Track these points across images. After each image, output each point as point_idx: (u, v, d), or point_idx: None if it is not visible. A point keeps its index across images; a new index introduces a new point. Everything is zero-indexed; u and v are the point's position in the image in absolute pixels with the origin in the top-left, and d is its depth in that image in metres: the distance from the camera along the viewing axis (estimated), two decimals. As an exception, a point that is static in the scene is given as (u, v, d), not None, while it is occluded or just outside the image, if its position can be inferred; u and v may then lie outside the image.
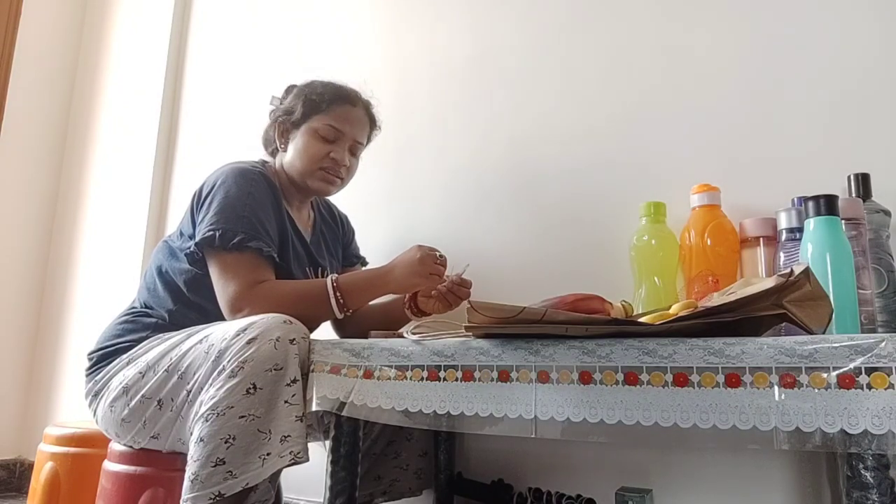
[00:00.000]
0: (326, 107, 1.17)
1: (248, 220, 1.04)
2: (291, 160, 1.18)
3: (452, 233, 1.43)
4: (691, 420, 0.64)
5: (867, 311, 0.82)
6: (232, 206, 1.05)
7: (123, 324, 1.11)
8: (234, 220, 1.03)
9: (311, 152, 1.16)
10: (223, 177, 1.10)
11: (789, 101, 1.13)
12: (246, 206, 1.05)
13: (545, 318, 0.71)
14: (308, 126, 1.17)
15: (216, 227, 1.02)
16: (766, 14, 1.17)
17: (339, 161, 1.18)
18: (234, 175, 1.10)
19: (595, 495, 1.08)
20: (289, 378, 0.86)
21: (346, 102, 1.19)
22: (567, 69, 1.37)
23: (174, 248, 1.14)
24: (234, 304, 0.99)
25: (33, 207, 2.14)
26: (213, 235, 1.02)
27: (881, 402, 0.57)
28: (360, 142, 1.22)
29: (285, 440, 0.83)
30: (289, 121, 1.19)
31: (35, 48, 2.14)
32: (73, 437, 1.40)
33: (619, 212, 1.23)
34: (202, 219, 1.06)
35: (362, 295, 1.06)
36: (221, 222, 1.03)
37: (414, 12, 1.61)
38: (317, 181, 1.18)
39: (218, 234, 1.01)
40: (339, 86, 1.22)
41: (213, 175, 1.12)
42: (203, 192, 1.11)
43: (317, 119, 1.17)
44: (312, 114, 1.17)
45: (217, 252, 1.03)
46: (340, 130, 1.17)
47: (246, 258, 1.02)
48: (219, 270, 1.03)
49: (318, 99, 1.18)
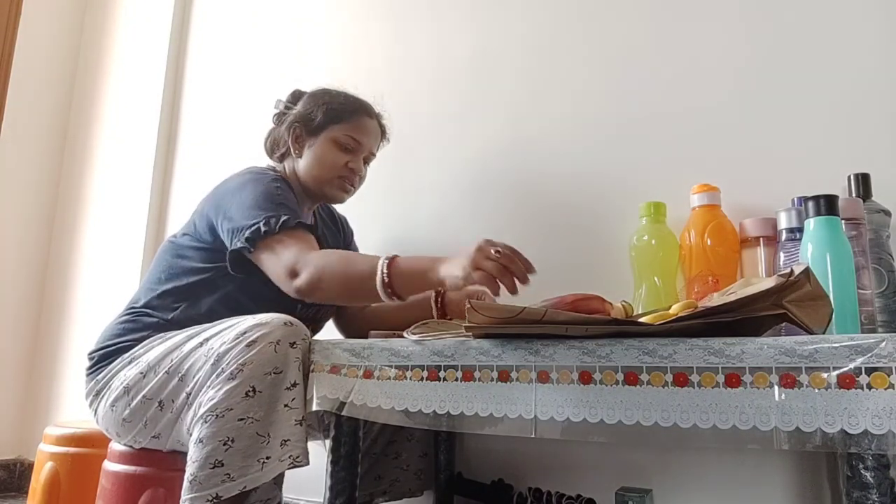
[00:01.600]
0: (348, 117, 1.20)
1: (286, 206, 1.06)
2: (308, 167, 1.20)
3: (452, 233, 1.43)
4: (691, 420, 0.64)
5: (867, 311, 0.82)
6: (266, 198, 1.06)
7: (124, 323, 1.11)
8: (274, 208, 1.04)
9: (331, 161, 1.19)
10: (245, 179, 1.11)
11: (789, 101, 1.13)
12: (279, 195, 1.08)
13: (545, 318, 0.71)
14: (328, 135, 1.19)
15: (259, 219, 1.02)
16: (766, 14, 1.17)
17: (357, 171, 1.22)
18: (256, 176, 1.12)
19: (595, 495, 1.08)
20: (289, 382, 0.86)
21: (366, 114, 1.23)
22: (567, 69, 1.37)
23: (182, 248, 1.14)
24: (291, 269, 0.98)
25: (33, 208, 2.14)
26: (258, 227, 1.01)
27: (881, 402, 0.57)
28: (373, 153, 1.26)
29: (285, 444, 0.83)
30: (307, 127, 1.21)
31: (35, 48, 2.14)
32: (73, 437, 1.40)
33: (619, 212, 1.23)
34: (236, 219, 1.05)
35: (410, 279, 0.94)
36: (263, 213, 1.03)
37: (414, 12, 1.61)
38: (334, 189, 1.21)
39: (262, 223, 1.02)
40: (357, 97, 1.25)
41: (233, 179, 1.13)
42: (226, 195, 1.11)
43: (337, 129, 1.19)
44: (333, 123, 1.20)
45: (266, 239, 1.02)
46: (359, 141, 1.21)
47: (296, 234, 1.03)
48: (270, 253, 1.02)
49: (340, 109, 1.20)
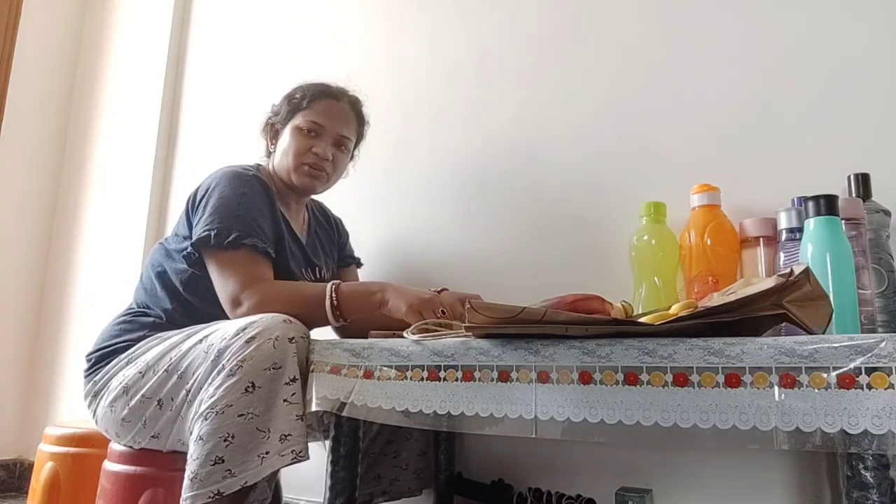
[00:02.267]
0: (308, 103, 1.20)
1: (242, 219, 1.05)
2: (279, 159, 1.21)
3: (451, 233, 1.43)
4: (691, 420, 0.64)
5: (867, 311, 0.82)
6: (226, 206, 1.06)
7: (121, 324, 1.12)
8: (229, 220, 1.04)
9: (294, 148, 1.19)
10: (217, 180, 1.11)
11: (789, 101, 1.13)
12: (240, 205, 1.07)
13: (545, 318, 0.71)
14: (292, 124, 1.20)
15: (211, 227, 1.03)
16: (766, 14, 1.17)
17: (322, 155, 1.19)
18: (227, 178, 1.11)
19: (595, 495, 1.08)
20: (287, 377, 0.86)
21: (328, 97, 1.22)
22: (567, 69, 1.37)
23: (170, 249, 1.15)
24: (234, 300, 1.00)
25: (33, 208, 2.14)
26: (208, 235, 1.03)
27: (881, 402, 0.57)
28: (344, 136, 1.23)
29: (285, 439, 0.83)
30: (276, 122, 1.22)
31: (35, 48, 2.14)
32: (73, 437, 1.40)
33: (619, 212, 1.23)
34: (198, 220, 1.07)
35: (357, 305, 1.02)
36: (216, 222, 1.04)
37: (413, 13, 1.61)
38: (302, 177, 1.19)
39: (213, 233, 1.03)
40: (322, 83, 1.24)
41: (208, 179, 1.14)
42: (198, 195, 1.12)
43: (299, 116, 1.20)
44: (295, 112, 1.20)
45: (213, 251, 1.04)
46: (321, 125, 1.19)
47: (241, 255, 1.03)
48: (217, 269, 1.04)
49: (301, 97, 1.21)
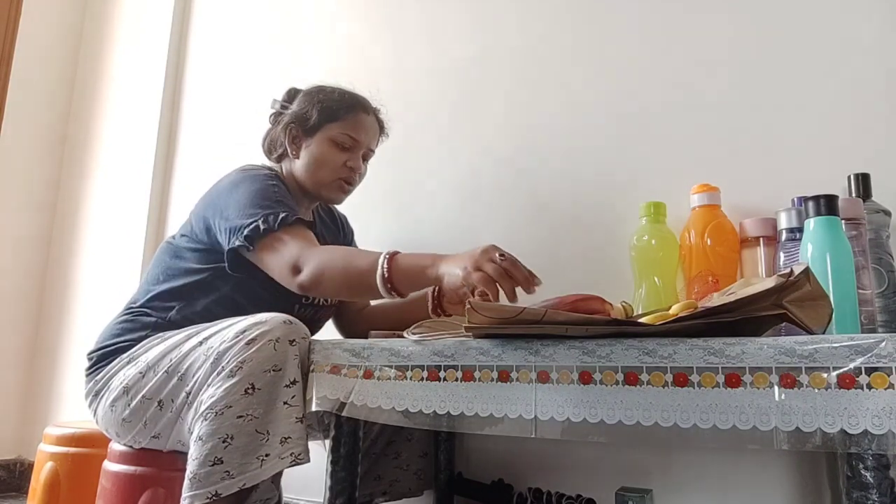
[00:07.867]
0: (344, 115, 1.17)
1: (283, 203, 1.05)
2: (306, 167, 1.18)
3: (451, 232, 1.43)
4: (691, 420, 0.64)
5: (867, 311, 0.82)
6: (263, 195, 1.05)
7: (123, 323, 1.11)
8: (272, 205, 1.03)
9: (329, 161, 1.16)
10: (240, 178, 1.10)
11: (789, 101, 1.13)
12: (275, 193, 1.07)
13: (545, 318, 0.71)
14: (323, 134, 1.17)
15: (258, 217, 1.01)
16: (766, 14, 1.17)
17: (356, 169, 1.19)
18: (250, 175, 1.10)
19: (595, 495, 1.08)
20: (288, 379, 0.86)
21: (361, 110, 1.20)
22: (567, 69, 1.37)
23: (180, 248, 1.14)
24: (293, 267, 0.98)
25: (33, 208, 2.14)
26: (256, 225, 1.00)
27: (881, 402, 0.57)
28: (372, 149, 1.23)
29: (285, 441, 0.83)
30: (302, 127, 1.18)
31: (35, 48, 2.14)
32: (73, 437, 1.40)
33: (619, 212, 1.23)
34: (233, 218, 1.04)
35: (409, 275, 0.93)
36: (261, 211, 1.02)
37: (413, 14, 1.61)
38: (333, 191, 1.19)
39: (261, 221, 1.01)
40: (353, 93, 1.22)
41: (228, 178, 1.12)
42: (221, 194, 1.10)
43: (333, 127, 1.17)
44: (329, 121, 1.17)
45: (266, 237, 1.01)
46: (356, 139, 1.18)
47: (295, 230, 1.02)
48: (272, 251, 1.01)
49: (335, 106, 1.18)
